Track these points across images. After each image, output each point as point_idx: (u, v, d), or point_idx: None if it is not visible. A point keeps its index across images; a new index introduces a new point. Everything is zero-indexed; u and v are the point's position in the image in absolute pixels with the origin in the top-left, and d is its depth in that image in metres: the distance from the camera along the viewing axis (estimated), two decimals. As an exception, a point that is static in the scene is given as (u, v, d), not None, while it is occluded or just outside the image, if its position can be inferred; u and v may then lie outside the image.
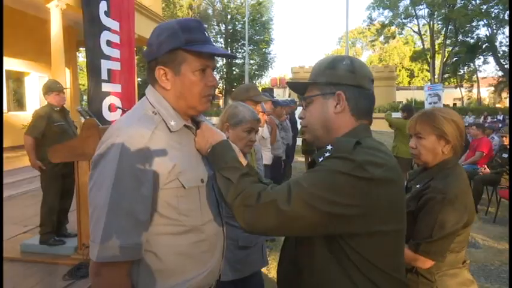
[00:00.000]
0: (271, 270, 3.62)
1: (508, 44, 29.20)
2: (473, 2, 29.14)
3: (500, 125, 9.43)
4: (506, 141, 6.28)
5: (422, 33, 34.90)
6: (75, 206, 3.56)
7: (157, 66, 1.08)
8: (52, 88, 3.97)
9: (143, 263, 1.03)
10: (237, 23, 35.70)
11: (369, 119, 1.12)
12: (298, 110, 8.58)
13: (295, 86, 1.25)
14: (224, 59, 36.77)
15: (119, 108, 5.70)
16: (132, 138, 0.99)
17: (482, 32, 33.41)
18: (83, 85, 21.09)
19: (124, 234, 0.95)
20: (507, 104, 28.23)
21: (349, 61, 1.10)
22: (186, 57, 1.07)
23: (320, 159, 1.02)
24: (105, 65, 5.92)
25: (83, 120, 3.60)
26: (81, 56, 19.30)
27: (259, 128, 4.20)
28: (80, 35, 8.66)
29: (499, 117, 20.91)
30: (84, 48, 5.57)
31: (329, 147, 1.04)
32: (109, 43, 6.03)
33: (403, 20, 34.03)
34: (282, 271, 1.19)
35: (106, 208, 0.94)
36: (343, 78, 1.08)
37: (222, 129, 1.86)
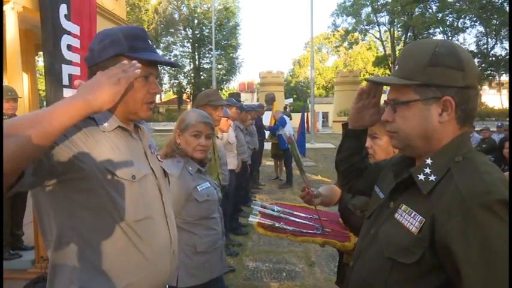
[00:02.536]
0: (237, 275, 3.63)
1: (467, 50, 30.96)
2: (430, 11, 30.69)
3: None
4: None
5: (384, 39, 36.25)
6: (31, 218, 3.42)
7: (98, 71, 1.08)
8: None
9: (82, 263, 1.03)
10: (204, 27, 35.61)
11: (471, 125, 0.98)
12: (266, 115, 8.66)
13: (379, 83, 1.07)
14: (192, 63, 36.63)
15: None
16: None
17: (439, 38, 35.23)
18: (43, 91, 20.23)
19: None
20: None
21: (455, 53, 0.89)
22: None
23: (419, 177, 0.91)
24: (66, 70, 5.70)
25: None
26: (41, 61, 18.48)
27: (225, 134, 4.24)
28: (39, 39, 8.32)
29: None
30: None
31: (429, 161, 0.92)
32: (69, 47, 5.82)
33: (366, 27, 35.19)
34: None
35: None
36: (451, 80, 0.88)
37: (175, 137, 1.85)
